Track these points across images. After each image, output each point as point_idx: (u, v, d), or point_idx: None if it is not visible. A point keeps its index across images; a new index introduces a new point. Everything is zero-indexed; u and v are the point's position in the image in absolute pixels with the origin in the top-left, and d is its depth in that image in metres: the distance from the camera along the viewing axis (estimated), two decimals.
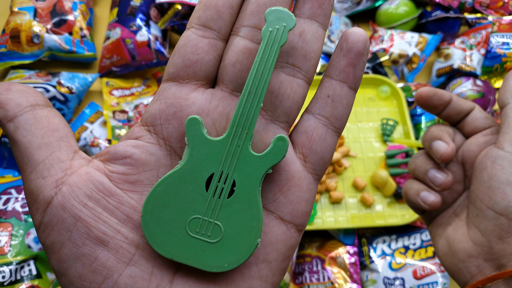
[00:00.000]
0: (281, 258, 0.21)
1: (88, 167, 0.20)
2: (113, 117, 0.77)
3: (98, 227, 0.19)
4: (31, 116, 0.20)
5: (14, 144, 0.20)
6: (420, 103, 0.33)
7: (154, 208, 0.20)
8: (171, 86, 0.22)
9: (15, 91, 0.20)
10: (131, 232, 0.20)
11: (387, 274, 0.63)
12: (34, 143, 0.19)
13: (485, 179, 0.29)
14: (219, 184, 0.20)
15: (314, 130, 0.22)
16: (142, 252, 0.20)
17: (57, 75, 0.78)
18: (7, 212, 0.61)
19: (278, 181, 0.21)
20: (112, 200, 0.20)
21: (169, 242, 0.20)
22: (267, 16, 0.20)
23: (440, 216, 0.33)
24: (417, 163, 0.33)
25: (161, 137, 0.21)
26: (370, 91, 0.80)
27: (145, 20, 0.82)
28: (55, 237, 0.19)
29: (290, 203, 0.21)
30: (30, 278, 0.59)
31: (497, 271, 0.28)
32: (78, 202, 0.19)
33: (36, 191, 0.19)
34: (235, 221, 0.20)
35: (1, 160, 0.71)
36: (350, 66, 0.22)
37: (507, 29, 0.83)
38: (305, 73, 0.22)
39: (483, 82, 0.79)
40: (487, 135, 0.31)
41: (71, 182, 0.19)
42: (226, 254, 0.20)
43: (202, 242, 0.20)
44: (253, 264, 0.21)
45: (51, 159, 0.20)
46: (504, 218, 0.27)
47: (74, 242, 0.19)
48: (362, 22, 0.97)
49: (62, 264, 0.19)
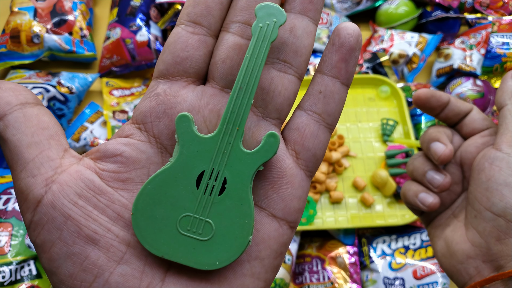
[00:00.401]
0: (273, 255, 0.21)
1: (79, 165, 0.20)
2: (113, 117, 0.77)
3: (88, 226, 0.19)
4: (20, 114, 0.20)
5: (3, 142, 0.19)
6: (418, 105, 0.33)
7: (144, 206, 0.19)
8: (161, 83, 0.22)
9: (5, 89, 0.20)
10: (122, 231, 0.19)
11: (387, 274, 0.63)
12: (23, 141, 0.19)
13: (483, 181, 0.29)
14: (210, 182, 0.20)
15: (306, 126, 0.22)
16: (133, 250, 0.19)
17: (57, 75, 0.78)
18: (7, 212, 0.61)
19: (270, 178, 0.21)
20: (103, 198, 0.19)
21: (160, 240, 0.19)
22: (257, 11, 0.20)
23: (438, 217, 0.33)
24: (415, 165, 0.33)
25: (151, 135, 0.21)
26: (370, 91, 0.80)
27: (145, 20, 0.82)
28: (45, 236, 0.19)
29: (282, 200, 0.21)
30: (30, 278, 0.59)
31: (496, 272, 0.28)
32: (68, 201, 0.19)
33: (26, 190, 0.19)
34: (226, 219, 0.20)
35: (1, 160, 0.71)
36: (342, 61, 0.22)
37: (507, 29, 0.83)
38: (296, 69, 0.22)
39: (483, 82, 0.79)
40: (485, 136, 0.31)
41: (61, 181, 0.19)
42: (218, 252, 0.20)
43: (193, 240, 0.20)
44: (245, 262, 0.21)
45: (41, 157, 0.19)
46: (502, 220, 0.27)
47: (64, 241, 0.18)
48: (362, 22, 0.97)
49: (52, 263, 0.19)
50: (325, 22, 0.88)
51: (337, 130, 0.75)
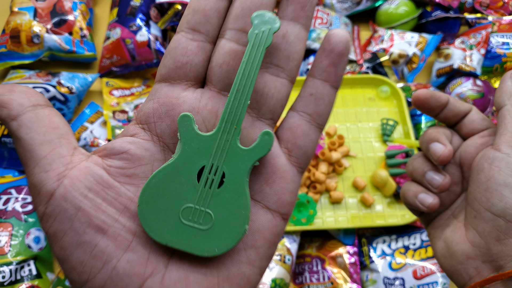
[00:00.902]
0: (268, 244, 0.23)
1: (88, 162, 0.21)
2: (113, 117, 0.77)
3: (97, 217, 0.20)
4: (33, 115, 0.21)
5: (17, 141, 0.21)
6: (417, 105, 0.33)
7: (149, 198, 0.21)
8: (163, 86, 0.23)
9: (18, 92, 0.22)
10: (129, 221, 0.21)
11: (387, 274, 0.63)
12: (36, 140, 0.21)
13: (482, 181, 0.29)
14: (210, 176, 0.21)
15: (298, 126, 0.23)
16: (139, 239, 0.21)
17: (57, 75, 0.78)
18: (7, 212, 0.61)
19: (264, 174, 0.23)
20: (111, 192, 0.21)
21: (164, 229, 0.21)
22: (253, 19, 0.22)
23: (438, 217, 0.33)
24: (414, 165, 0.33)
25: (154, 134, 0.23)
26: (370, 91, 0.80)
27: (145, 20, 0.82)
28: (57, 226, 0.20)
29: (275, 194, 0.23)
30: (30, 278, 0.59)
31: (495, 273, 0.28)
32: (79, 194, 0.20)
33: (39, 184, 0.20)
34: (224, 209, 0.21)
35: (1, 160, 0.71)
36: (332, 66, 0.23)
37: (507, 29, 0.83)
38: (288, 73, 0.23)
39: (483, 82, 0.79)
40: (484, 136, 0.31)
41: (72, 176, 0.21)
42: (217, 240, 0.21)
43: (194, 229, 0.21)
44: (242, 250, 0.22)
45: (52, 154, 0.21)
46: (501, 220, 0.27)
47: (75, 231, 0.20)
48: (362, 22, 0.97)
49: (64, 251, 0.20)
50: (325, 22, 0.88)
51: (337, 130, 0.75)
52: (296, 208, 0.65)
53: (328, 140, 0.73)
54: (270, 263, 0.56)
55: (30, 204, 0.63)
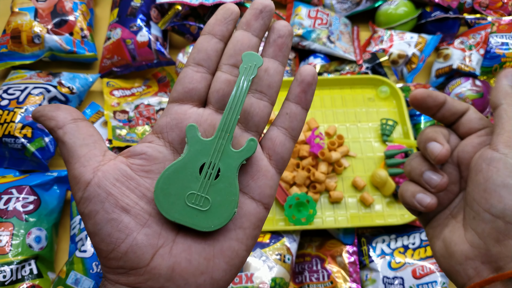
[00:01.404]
0: (252, 226, 0.29)
1: (115, 160, 0.28)
2: (113, 117, 0.77)
3: (123, 200, 0.27)
4: (74, 125, 0.28)
5: (62, 144, 0.28)
6: (414, 105, 0.33)
7: (163, 186, 0.27)
8: (174, 106, 0.30)
9: (62, 109, 0.29)
10: (146, 205, 0.27)
11: (387, 273, 0.63)
12: (77, 143, 0.28)
13: (480, 182, 0.29)
14: (209, 170, 0.28)
15: (276, 137, 0.30)
16: (153, 218, 0.27)
17: (57, 75, 0.78)
18: (8, 212, 0.61)
19: (250, 172, 0.29)
20: (133, 182, 0.28)
21: (173, 209, 0.27)
22: (243, 57, 0.29)
23: (436, 217, 0.33)
24: (412, 165, 0.33)
25: (167, 141, 0.29)
26: (370, 91, 0.80)
27: (146, 21, 0.82)
28: (92, 207, 0.26)
29: (259, 188, 0.29)
30: (31, 277, 0.59)
31: (495, 274, 0.28)
32: (109, 183, 0.27)
33: (78, 175, 0.27)
34: (219, 196, 0.28)
35: (2, 160, 0.71)
36: (302, 92, 0.30)
37: (506, 30, 0.83)
38: (269, 97, 0.31)
39: (482, 82, 0.79)
40: (481, 136, 0.31)
41: (104, 170, 0.27)
42: (213, 219, 0.27)
43: (196, 210, 0.27)
44: (232, 229, 0.28)
45: (89, 154, 0.28)
46: (500, 221, 0.27)
47: (105, 210, 0.26)
48: (361, 23, 0.97)
49: (96, 226, 0.26)
50: (325, 23, 0.88)
51: (337, 130, 0.75)
52: (296, 208, 0.65)
53: (327, 140, 0.73)
54: (270, 263, 0.57)
55: (31, 204, 0.64)
